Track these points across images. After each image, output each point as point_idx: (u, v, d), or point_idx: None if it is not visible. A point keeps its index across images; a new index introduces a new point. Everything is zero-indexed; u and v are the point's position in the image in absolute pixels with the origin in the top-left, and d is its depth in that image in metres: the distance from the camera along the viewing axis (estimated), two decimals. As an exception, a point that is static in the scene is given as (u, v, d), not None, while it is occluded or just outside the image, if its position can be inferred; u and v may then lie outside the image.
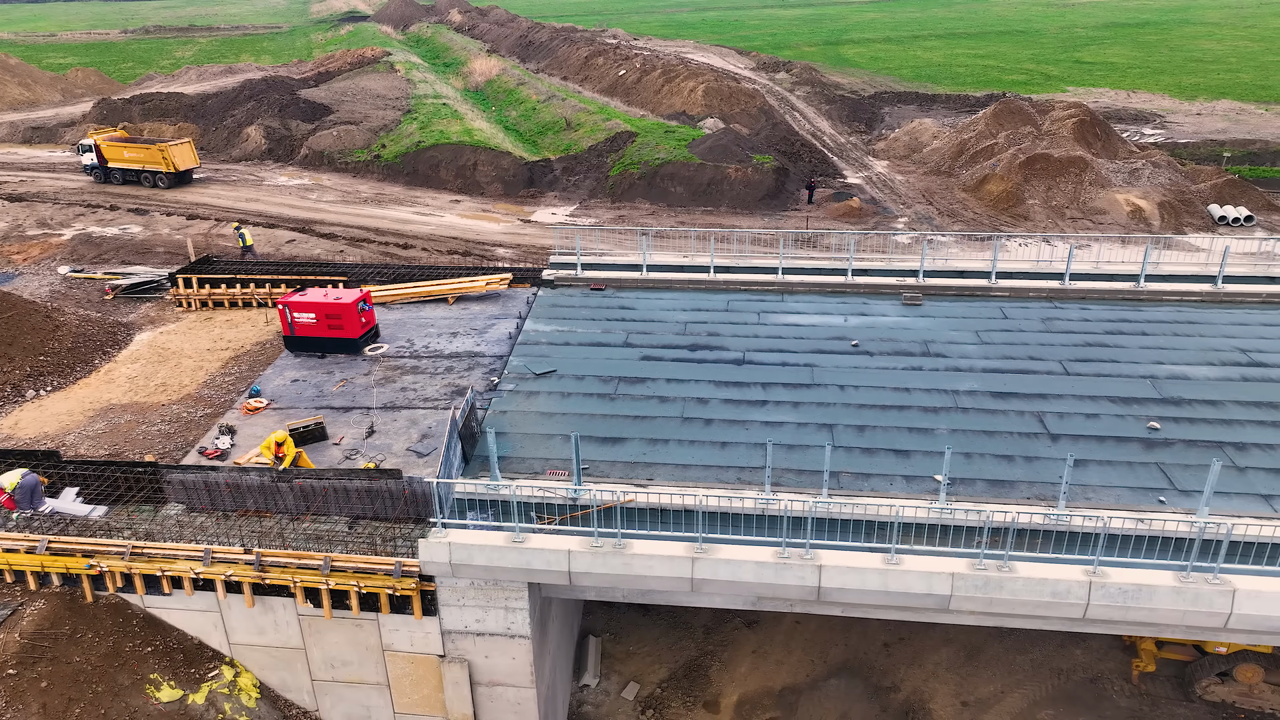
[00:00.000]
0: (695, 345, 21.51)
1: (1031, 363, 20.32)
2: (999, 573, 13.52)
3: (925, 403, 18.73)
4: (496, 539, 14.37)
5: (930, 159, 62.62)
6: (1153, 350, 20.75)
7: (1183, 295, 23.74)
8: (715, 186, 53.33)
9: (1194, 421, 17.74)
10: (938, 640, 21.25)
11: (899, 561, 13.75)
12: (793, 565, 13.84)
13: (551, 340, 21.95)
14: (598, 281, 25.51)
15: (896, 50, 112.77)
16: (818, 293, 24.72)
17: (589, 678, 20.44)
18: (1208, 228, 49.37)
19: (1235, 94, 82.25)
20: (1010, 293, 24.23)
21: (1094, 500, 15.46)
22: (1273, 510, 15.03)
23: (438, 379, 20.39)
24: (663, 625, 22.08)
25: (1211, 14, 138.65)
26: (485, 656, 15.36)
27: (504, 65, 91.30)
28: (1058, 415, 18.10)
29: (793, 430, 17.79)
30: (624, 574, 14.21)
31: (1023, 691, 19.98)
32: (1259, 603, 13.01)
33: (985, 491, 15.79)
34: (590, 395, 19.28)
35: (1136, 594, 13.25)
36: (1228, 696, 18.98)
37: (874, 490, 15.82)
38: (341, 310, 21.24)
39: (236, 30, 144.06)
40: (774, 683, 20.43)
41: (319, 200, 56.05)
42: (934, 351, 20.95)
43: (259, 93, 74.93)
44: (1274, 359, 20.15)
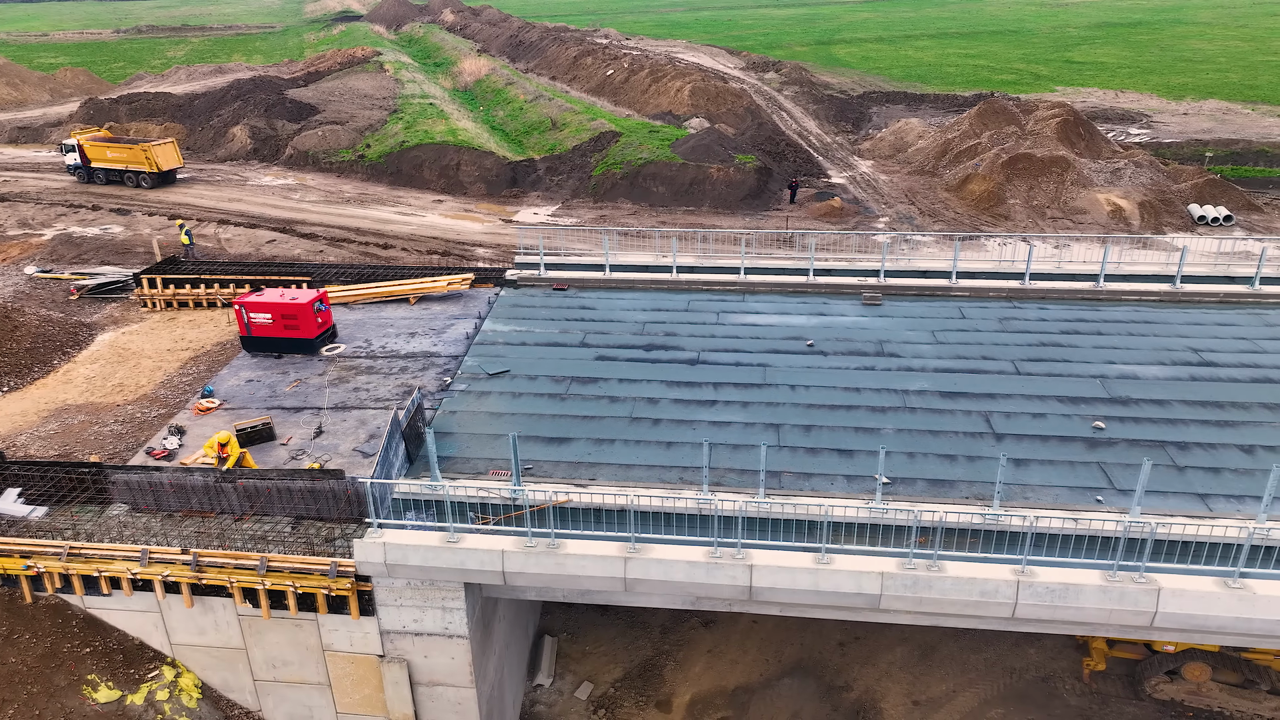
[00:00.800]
0: (651, 345, 21.55)
1: (984, 362, 20.36)
2: (928, 572, 13.55)
3: (874, 402, 18.76)
4: (431, 539, 14.41)
5: (915, 159, 62.66)
6: (1106, 350, 20.79)
7: (1141, 295, 23.78)
8: (697, 186, 53.36)
9: (1139, 421, 17.78)
10: (893, 639, 21.30)
11: (829, 561, 13.79)
12: (724, 565, 13.88)
13: (508, 340, 21.99)
14: (560, 282, 25.55)
15: (888, 50, 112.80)
16: (779, 293, 24.76)
17: (543, 677, 20.48)
18: (1187, 227, 49.41)
19: (1223, 94, 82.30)
20: (970, 293, 24.27)
21: (1032, 500, 15.50)
22: (1208, 509, 15.07)
23: (391, 379, 20.43)
24: (620, 625, 22.13)
25: (1204, 14, 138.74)
26: (424, 656, 15.40)
27: (494, 65, 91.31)
28: (1004, 415, 18.14)
29: (740, 430, 17.82)
30: (558, 574, 14.25)
31: (974, 690, 20.02)
32: (1183, 601, 13.05)
33: (925, 491, 15.82)
34: (541, 395, 19.31)
35: (1064, 593, 13.29)
36: (1176, 695, 19.04)
37: (814, 490, 15.86)
38: (297, 310, 21.27)
39: (229, 30, 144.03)
40: (727, 682, 20.48)
41: (302, 200, 56.07)
42: (888, 351, 20.99)
43: (246, 93, 74.93)
44: (1224, 359, 20.20)
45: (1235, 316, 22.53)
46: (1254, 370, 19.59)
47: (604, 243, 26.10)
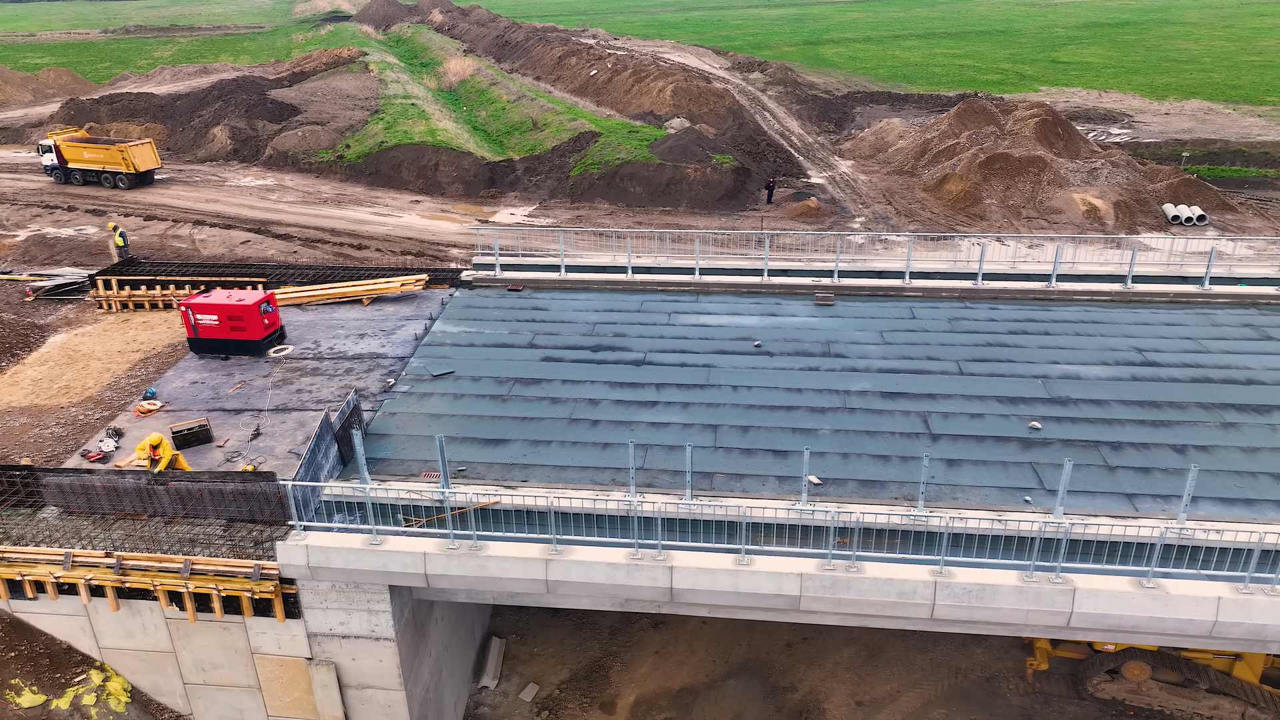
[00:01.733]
0: (599, 346, 21.53)
1: (928, 363, 20.37)
2: (847, 573, 13.55)
3: (815, 403, 18.76)
4: (354, 541, 14.38)
5: (894, 159, 62.72)
6: (1051, 350, 20.81)
7: (1093, 295, 23.82)
8: (674, 186, 53.35)
9: (1076, 421, 17.79)
10: (840, 640, 21.30)
11: (749, 562, 13.78)
12: (644, 567, 13.86)
13: (457, 342, 21.96)
14: (515, 283, 25.52)
15: (875, 50, 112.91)
16: (733, 293, 24.75)
17: (488, 679, 20.46)
18: (1161, 227, 49.50)
19: (1205, 94, 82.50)
20: (923, 293, 24.29)
21: (961, 500, 15.51)
22: (1134, 509, 15.09)
23: (335, 381, 20.39)
24: (570, 626, 22.11)
25: (1191, 14, 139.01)
26: (352, 659, 15.37)
27: (479, 65, 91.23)
28: (943, 415, 18.15)
29: (677, 431, 17.81)
30: (480, 576, 14.23)
31: (919, 691, 20.04)
32: (1098, 601, 13.06)
33: (856, 492, 15.82)
34: (483, 397, 19.29)
35: (980, 594, 13.30)
36: (1117, 694, 19.08)
37: (745, 491, 15.84)
38: (243, 312, 21.22)
39: (218, 30, 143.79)
40: (673, 683, 20.47)
41: (279, 201, 55.97)
42: (834, 352, 20.99)
43: (228, 93, 74.81)
44: (1168, 359, 20.23)
45: (1184, 316, 22.57)
46: (1194, 370, 19.62)
47: (560, 243, 26.04)
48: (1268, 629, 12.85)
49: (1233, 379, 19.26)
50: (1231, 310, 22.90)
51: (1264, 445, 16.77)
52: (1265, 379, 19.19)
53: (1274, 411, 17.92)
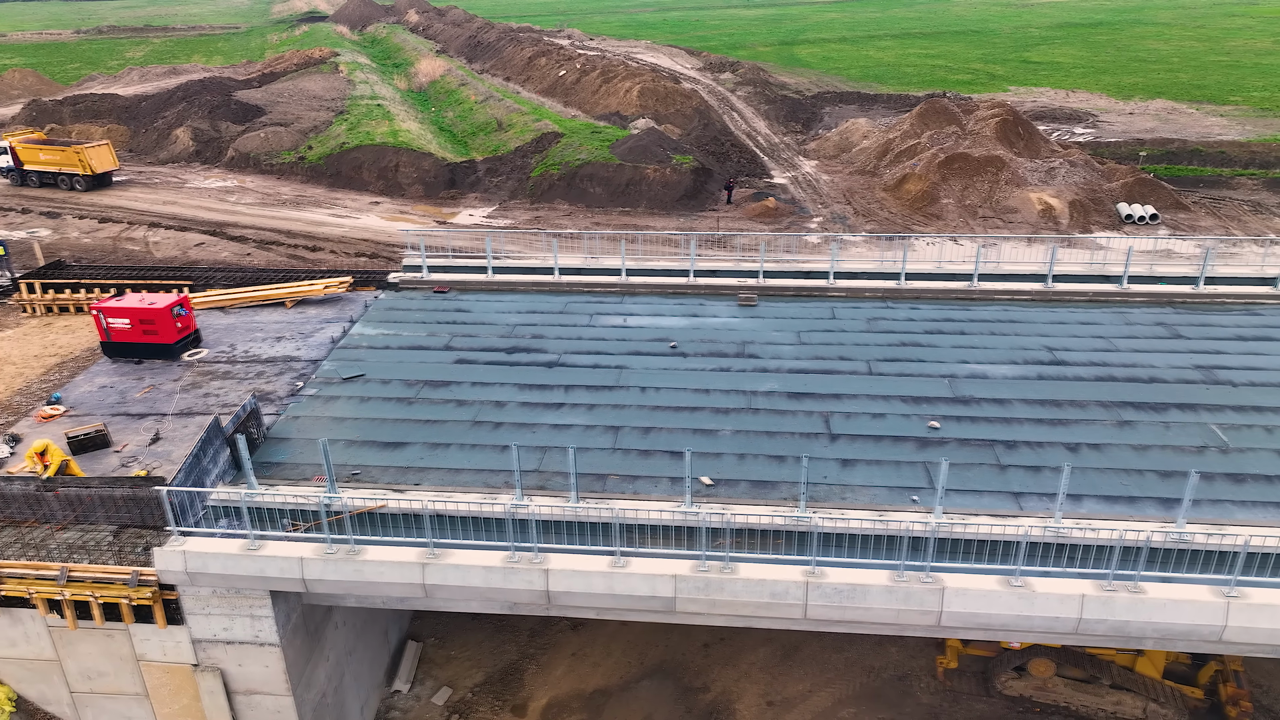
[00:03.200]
0: (515, 348, 21.48)
1: (840, 363, 20.42)
2: (721, 574, 13.56)
3: (721, 404, 18.78)
4: (232, 547, 14.28)
5: (858, 159, 62.94)
6: (964, 350, 20.90)
7: (1013, 294, 23.95)
8: (634, 187, 53.35)
9: (975, 420, 17.88)
10: (757, 640, 21.33)
11: (625, 564, 13.77)
12: (520, 570, 13.83)
13: (373, 344, 21.86)
14: (441, 284, 25.44)
15: (850, 50, 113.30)
16: (659, 294, 24.75)
17: (400, 683, 20.37)
18: (1114, 226, 49.90)
19: (1171, 94, 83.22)
20: (847, 293, 24.36)
21: (849, 500, 15.56)
22: (1019, 508, 15.17)
23: (245, 384, 20.25)
24: (489, 629, 22.05)
25: (1164, 14, 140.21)
26: (238, 665, 15.26)
27: (449, 66, 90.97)
28: (845, 415, 18.19)
29: (579, 433, 17.78)
30: (357, 580, 14.16)
31: (830, 690, 20.09)
32: (966, 600, 13.13)
33: (747, 492, 15.83)
34: (389, 399, 19.20)
35: (851, 593, 13.34)
36: (1024, 691, 19.19)
37: (637, 493, 15.84)
38: (155, 315, 21.05)
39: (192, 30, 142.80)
40: (586, 685, 20.44)
41: (237, 203, 55.61)
42: (748, 353, 21.02)
43: (192, 94, 74.28)
44: (1076, 357, 20.36)
45: (1100, 315, 22.72)
46: (1100, 369, 19.76)
47: (487, 244, 25.99)
48: (1130, 625, 12.95)
49: (1136, 377, 19.40)
50: (1148, 309, 23.08)
51: (1154, 443, 16.91)
52: (1167, 377, 19.35)
53: (1170, 409, 18.06)
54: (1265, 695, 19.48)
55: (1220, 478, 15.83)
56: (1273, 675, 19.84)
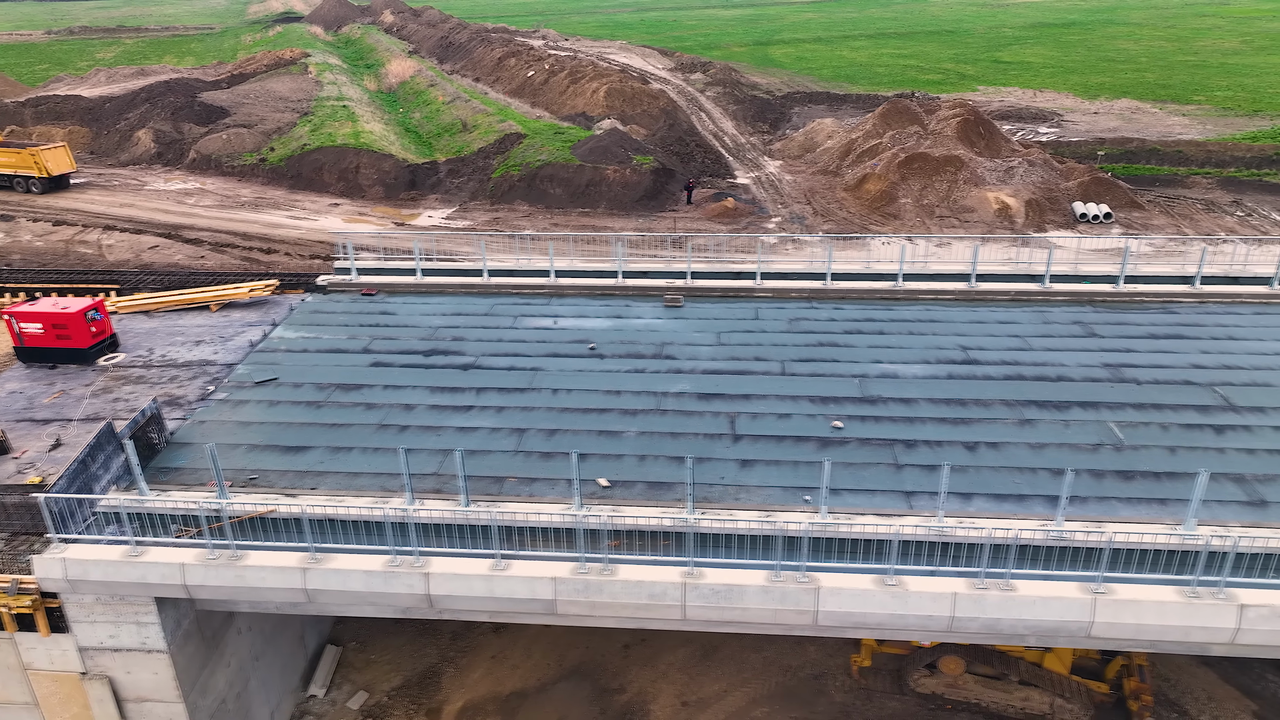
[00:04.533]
0: (433, 350, 21.43)
1: (754, 363, 20.49)
2: (600, 576, 13.59)
3: (630, 405, 18.79)
4: (113, 554, 14.19)
5: (821, 159, 63.18)
6: (879, 349, 21.01)
7: (937, 294, 24.11)
8: (594, 188, 53.34)
9: (879, 420, 17.97)
10: (677, 641, 21.37)
11: (506, 567, 13.78)
12: (401, 574, 13.81)
13: (291, 347, 21.75)
14: (370, 287, 25.36)
15: (824, 50, 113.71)
16: (587, 295, 24.75)
17: (316, 688, 20.29)
18: (1069, 225, 50.33)
19: (1136, 93, 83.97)
20: (773, 293, 24.44)
21: (743, 500, 15.61)
22: (909, 507, 15.26)
23: (156, 389, 20.10)
24: (411, 632, 22.00)
25: (1137, 14, 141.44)
26: (127, 672, 15.15)
27: (420, 66, 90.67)
28: (751, 416, 18.25)
29: (484, 435, 17.76)
30: (240, 585, 14.09)
31: (746, 690, 20.15)
32: (841, 599, 13.20)
33: (643, 493, 15.85)
34: (299, 403, 19.11)
35: (729, 593, 13.40)
36: (936, 688, 19.32)
37: (533, 495, 15.83)
38: (67, 320, 20.86)
39: (166, 31, 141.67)
40: (503, 688, 20.42)
41: (196, 205, 55.23)
42: (666, 354, 21.05)
43: (156, 95, 73.72)
44: (989, 356, 20.51)
45: (1020, 314, 22.89)
46: (1010, 368, 19.90)
47: (414, 247, 25.91)
48: (1001, 622, 13.06)
49: (1044, 376, 19.57)
50: (1067, 308, 23.27)
51: (1052, 441, 17.05)
52: (1074, 376, 19.52)
53: (1073, 408, 18.23)
54: (1173, 689, 19.70)
55: (1110, 475, 15.98)
56: (1182, 669, 20.07)
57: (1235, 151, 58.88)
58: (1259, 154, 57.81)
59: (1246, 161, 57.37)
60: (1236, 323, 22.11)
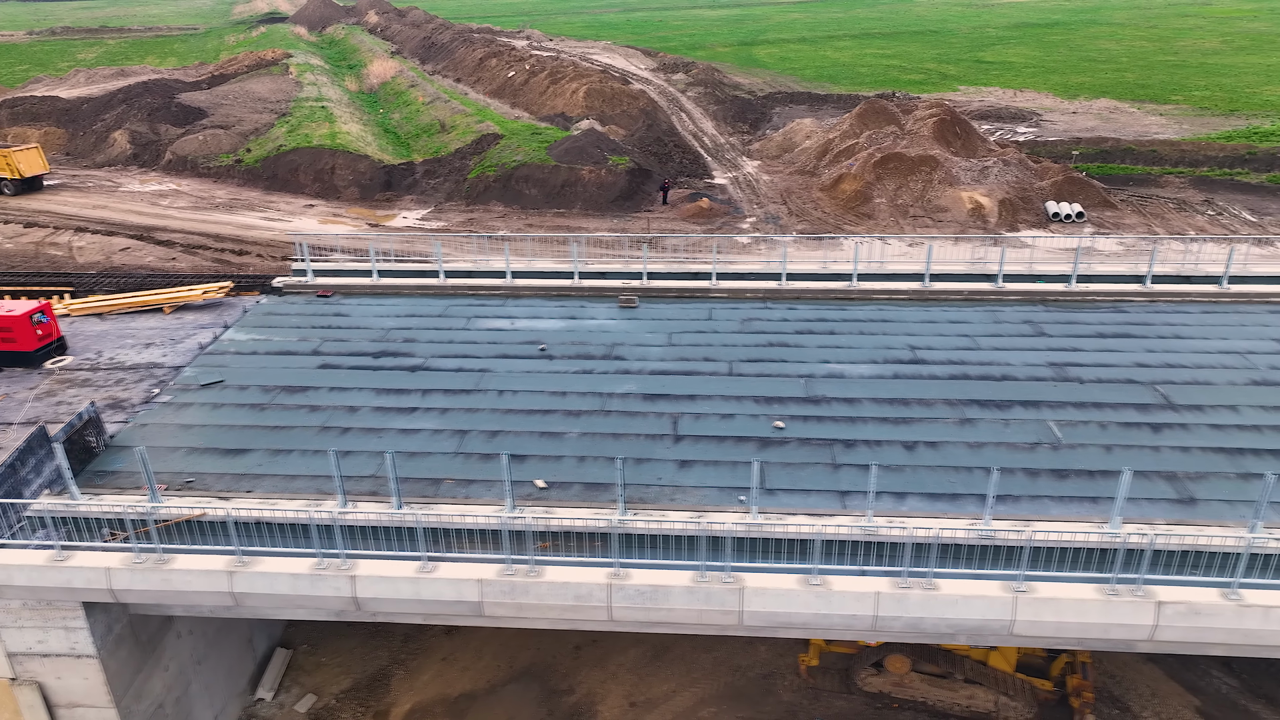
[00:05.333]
0: (382, 352, 21.37)
1: (703, 364, 20.50)
2: (526, 578, 13.58)
3: (575, 406, 18.79)
4: (39, 558, 14.10)
5: (799, 159, 63.31)
6: (829, 349, 21.05)
7: (891, 294, 24.17)
8: (569, 188, 53.32)
9: (821, 420, 18.01)
10: (628, 642, 21.37)
11: (432, 570, 13.76)
12: (327, 576, 13.77)
13: (240, 350, 21.67)
14: (325, 288, 25.28)
15: (808, 50, 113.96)
16: (543, 296, 24.74)
17: (264, 691, 20.21)
18: (1041, 224, 50.57)
19: (1115, 93, 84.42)
20: (729, 294, 24.47)
21: (679, 500, 15.61)
22: (842, 507, 15.30)
23: (102, 392, 19.99)
24: (363, 635, 21.93)
25: (1120, 14, 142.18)
26: (57, 678, 15.06)
27: (401, 67, 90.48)
28: (694, 416, 18.26)
29: (425, 437, 17.72)
30: (166, 589, 14.03)
31: (694, 690, 20.16)
32: (765, 599, 13.23)
33: (579, 495, 15.84)
34: (242, 406, 19.03)
35: (654, 594, 13.40)
36: (883, 687, 19.37)
37: (468, 497, 15.81)
38: (12, 323, 20.74)
39: (149, 32, 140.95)
40: (453, 690, 20.39)
41: (170, 206, 54.98)
42: (615, 354, 21.05)
43: (134, 96, 73.34)
44: (936, 355, 20.57)
45: (971, 314, 22.98)
46: (956, 367, 19.97)
47: (370, 250, 25.86)
48: (925, 621, 13.11)
49: (989, 375, 19.64)
50: (1019, 307, 23.37)
51: (990, 440, 17.12)
52: (1019, 375, 19.60)
53: (1014, 407, 18.30)
54: (1118, 686, 19.81)
55: (1045, 474, 16.06)
56: (1128, 666, 20.17)
57: (1208, 151, 59.27)
58: (1231, 153, 58.20)
59: (1219, 161, 57.76)
60: (1184, 321, 22.25)
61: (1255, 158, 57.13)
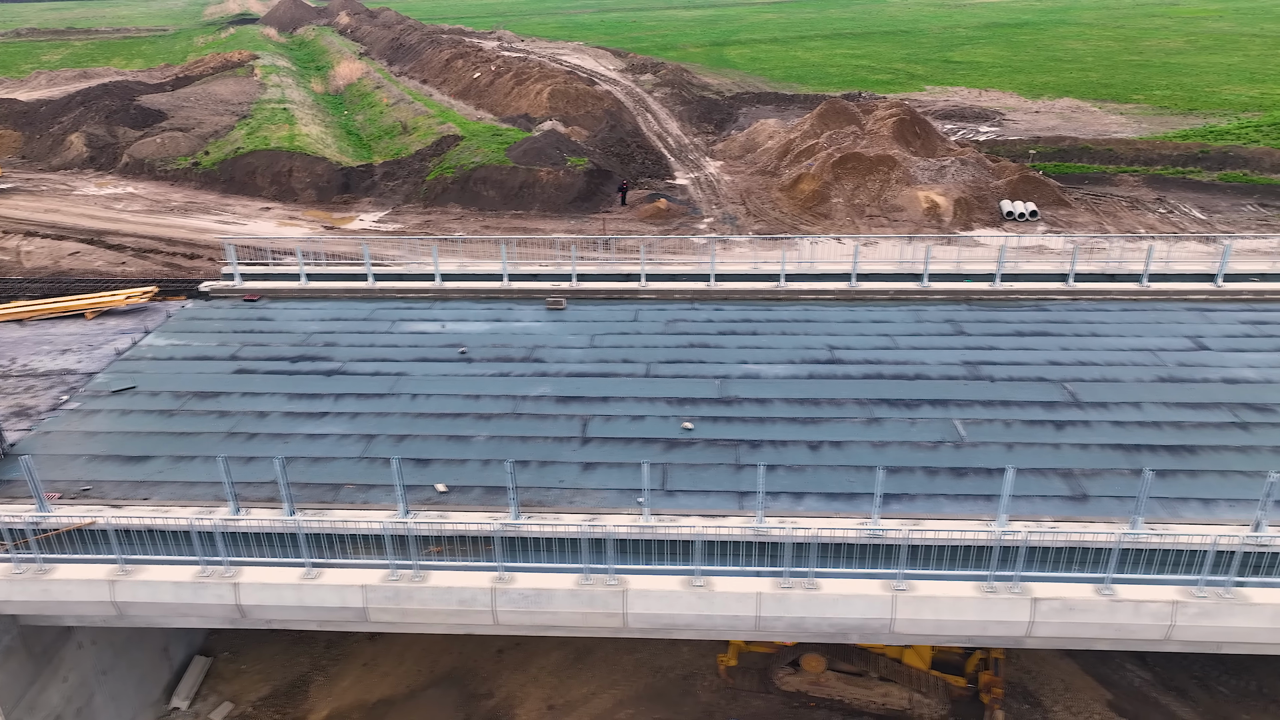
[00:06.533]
0: (301, 357, 21.22)
1: (622, 365, 20.50)
2: (410, 583, 13.52)
3: (488, 409, 18.72)
4: (-85, 569, 13.89)
5: (760, 159, 63.48)
6: (749, 350, 21.10)
7: (818, 294, 24.27)
8: (527, 190, 53.20)
9: (730, 421, 18.05)
10: (551, 645, 21.32)
11: (316, 576, 13.66)
12: (210, 584, 13.65)
13: (158, 355, 21.44)
14: (252, 292, 25.07)
15: (779, 50, 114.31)
16: (472, 299, 24.65)
17: (179, 700, 20.00)
18: (995, 223, 51.00)
19: (1079, 92, 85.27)
20: (657, 294, 24.47)
21: (578, 503, 15.59)
22: (740, 508, 15.33)
23: (8, 399, 19.70)
24: (285, 641, 21.73)
25: (1088, 14, 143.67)
26: (-57, 690, 14.85)
27: (368, 69, 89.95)
28: (605, 419, 18.25)
29: (332, 442, 17.60)
30: (46, 600, 13.86)
31: (613, 692, 20.15)
32: (649, 601, 13.24)
33: (479, 499, 15.80)
34: (151, 412, 18.83)
35: (538, 598, 13.39)
36: (800, 686, 19.43)
37: (367, 502, 15.71)
38: (-80, 330, 20.44)
39: (117, 33, 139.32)
40: (371, 695, 20.26)
41: (124, 210, 54.35)
42: (535, 357, 21.00)
43: (92, 99, 72.42)
44: (854, 355, 20.66)
45: (895, 313, 23.11)
46: (871, 366, 20.08)
47: (298, 253, 25.68)
48: (806, 621, 13.17)
49: (903, 374, 19.77)
50: (943, 307, 23.54)
51: (894, 439, 17.23)
52: (932, 374, 19.74)
53: (923, 406, 18.43)
54: (1033, 680, 19.98)
55: (944, 472, 16.18)
56: (1045, 661, 20.36)
57: (1163, 150, 60.00)
58: (1185, 152, 58.95)
59: (1173, 159, 58.49)
60: (1103, 319, 22.50)
61: (1208, 156, 57.91)
